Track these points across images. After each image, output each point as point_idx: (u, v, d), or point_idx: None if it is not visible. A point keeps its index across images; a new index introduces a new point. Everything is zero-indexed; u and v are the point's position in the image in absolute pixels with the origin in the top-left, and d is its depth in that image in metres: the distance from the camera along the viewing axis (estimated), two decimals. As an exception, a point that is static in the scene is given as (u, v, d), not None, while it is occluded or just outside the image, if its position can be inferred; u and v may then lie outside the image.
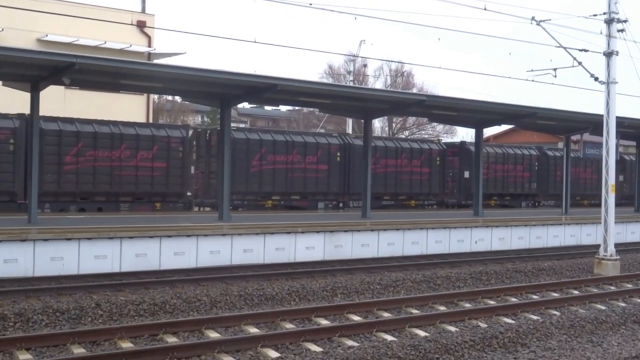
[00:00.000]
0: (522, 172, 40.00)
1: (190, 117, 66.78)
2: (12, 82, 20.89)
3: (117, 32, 35.00)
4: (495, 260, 22.39)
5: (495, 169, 38.87)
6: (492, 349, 11.87)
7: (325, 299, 15.96)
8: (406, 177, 35.50)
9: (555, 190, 40.77)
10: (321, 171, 32.51)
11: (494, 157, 39.00)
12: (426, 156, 36.51)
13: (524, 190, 40.70)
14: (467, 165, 37.10)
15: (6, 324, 12.36)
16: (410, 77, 67.36)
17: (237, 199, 30.15)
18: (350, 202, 33.81)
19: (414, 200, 36.18)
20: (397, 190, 35.37)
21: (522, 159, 40.30)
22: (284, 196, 31.79)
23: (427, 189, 36.69)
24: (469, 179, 36.54)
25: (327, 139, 33.75)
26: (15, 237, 16.63)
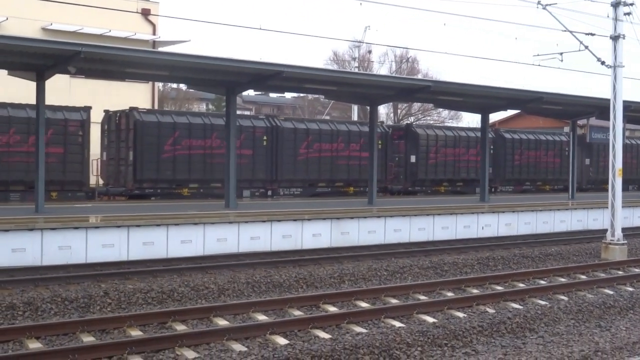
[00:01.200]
0: (475, 155, 36.77)
1: (195, 105, 66.79)
2: (17, 72, 20.88)
3: (121, 20, 34.98)
4: (502, 246, 22.39)
5: (445, 153, 36.24)
6: (500, 334, 11.88)
7: (332, 286, 15.98)
8: (343, 162, 32.53)
9: (513, 175, 39.47)
10: (245, 156, 29.33)
11: (443, 140, 36.41)
12: (366, 140, 32.10)
13: (478, 175, 36.09)
14: (413, 149, 35.35)
15: (15, 312, 12.41)
16: (415, 63, 67.17)
17: (149, 187, 27.91)
18: (280, 189, 31.21)
19: (352, 187, 33.25)
20: (334, 177, 32.57)
21: (475, 142, 37.16)
22: (202, 184, 29.11)
23: (367, 175, 31.69)
24: (415, 163, 35.20)
25: (252, 121, 30.86)
26: (22, 226, 16.68)
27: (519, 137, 40.05)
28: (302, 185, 31.77)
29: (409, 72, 65.09)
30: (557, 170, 41.12)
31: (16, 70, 20.79)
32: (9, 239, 16.35)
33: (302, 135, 31.46)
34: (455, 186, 37.36)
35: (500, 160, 38.87)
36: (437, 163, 36.00)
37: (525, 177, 40.24)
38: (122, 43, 33.14)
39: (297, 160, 31.20)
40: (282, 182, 31.18)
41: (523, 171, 39.93)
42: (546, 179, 41.29)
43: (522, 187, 40.27)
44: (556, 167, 41.22)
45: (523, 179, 40.19)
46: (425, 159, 35.55)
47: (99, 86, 33.76)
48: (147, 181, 27.72)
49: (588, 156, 42.79)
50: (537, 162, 40.48)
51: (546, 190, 41.07)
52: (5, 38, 18.60)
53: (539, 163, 40.57)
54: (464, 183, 37.46)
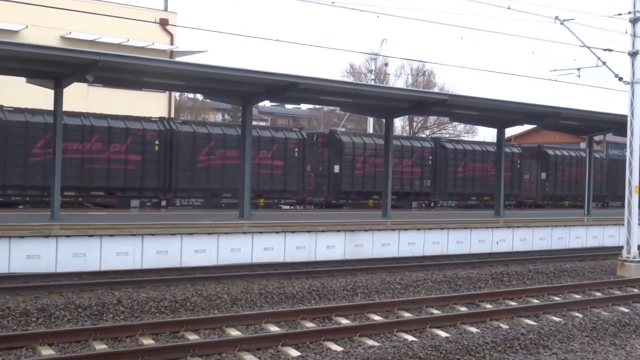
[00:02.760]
0: (410, 167, 34.34)
1: (212, 115, 67.03)
2: (36, 79, 21.04)
3: (139, 30, 35.18)
4: (516, 261, 22.26)
5: (375, 163, 32.96)
6: (513, 350, 11.79)
7: (345, 298, 15.94)
8: (253, 171, 27.90)
9: (455, 189, 36.32)
10: (132, 162, 26.85)
11: (373, 149, 33.30)
12: (280, 146, 30.69)
13: (413, 188, 34.74)
14: (337, 158, 32.49)
15: (29, 319, 12.45)
16: (431, 77, 67.18)
17: (15, 194, 25.32)
18: (176, 200, 28.50)
19: (263, 199, 30.62)
20: None
21: (410, 152, 34.54)
22: (80, 192, 26.36)
23: (280, 186, 30.92)
24: (339, 174, 32.36)
25: (142, 123, 27.75)
26: (38, 233, 16.76)
27: (463, 147, 37.21)
28: (204, 196, 29.17)
29: (425, 85, 65.09)
30: (507, 184, 37.24)
31: (35, 78, 20.95)
32: (24, 245, 16.44)
33: (203, 140, 28.76)
34: None
35: (442, 173, 35.85)
36: (364, 174, 33.01)
37: (470, 192, 37.13)
38: (140, 52, 33.31)
39: (196, 167, 28.51)
40: (179, 192, 28.54)
41: (467, 185, 36.80)
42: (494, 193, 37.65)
43: (466, 201, 37.38)
44: (506, 182, 36.56)
45: (467, 193, 37.14)
46: (351, 169, 32.63)
47: (116, 95, 33.94)
48: (13, 187, 25.15)
49: (544, 170, 40.41)
50: (484, 176, 37.15)
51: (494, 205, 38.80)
52: (25, 46, 18.78)
53: (487, 176, 36.98)
54: (398, 196, 33.88)
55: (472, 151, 37.12)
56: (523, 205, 40.27)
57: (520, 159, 39.29)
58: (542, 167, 40.41)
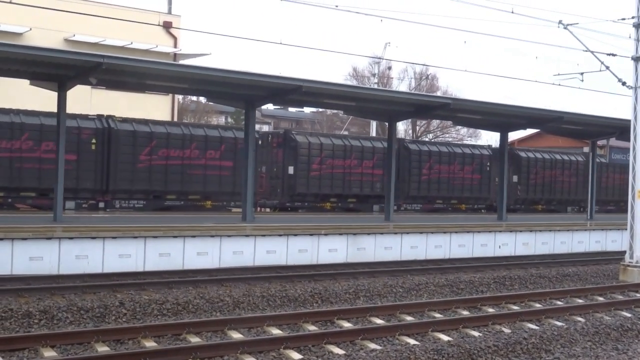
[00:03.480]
0: (371, 168, 32.57)
1: (215, 118, 67.12)
2: (39, 82, 21.08)
3: (143, 33, 35.28)
4: (519, 265, 22.24)
5: (333, 165, 31.50)
6: (515, 354, 11.78)
7: (347, 302, 15.93)
8: (198, 172, 28.43)
9: (420, 192, 34.79)
10: (68, 162, 24.22)
11: (330, 150, 31.82)
12: (229, 146, 29.20)
13: (374, 190, 32.98)
14: (292, 159, 31.07)
15: (31, 321, 12.46)
16: (434, 80, 67.26)
17: None
18: (115, 201, 27.04)
19: (211, 201, 29.26)
20: (186, 188, 28.49)
21: (371, 153, 32.82)
22: (10, 192, 25.29)
23: (229, 187, 29.27)
24: (294, 175, 30.90)
25: (78, 121, 26.22)
26: (40, 234, 16.78)
27: (428, 148, 35.72)
28: (145, 197, 27.75)
29: (429, 89, 65.15)
30: (477, 187, 36.62)
31: (38, 80, 20.99)
32: (27, 247, 16.47)
33: (144, 139, 27.33)
34: (346, 202, 32.83)
35: (405, 175, 34.23)
36: (321, 175, 31.46)
37: (436, 195, 35.46)
38: (144, 55, 33.38)
39: (136, 168, 27.05)
40: (118, 193, 27.12)
41: (433, 188, 35.18)
42: (462, 196, 36.48)
43: (432, 205, 35.77)
44: (475, 184, 36.62)
45: (433, 196, 35.48)
46: (307, 171, 31.08)
47: (119, 97, 34.00)
48: None
49: (516, 173, 38.63)
50: (450, 178, 35.74)
51: (462, 210, 36.51)
52: (28, 48, 18.86)
53: (454, 179, 35.82)
54: (358, 199, 32.81)
55: (437, 152, 35.55)
56: (494, 209, 36.98)
57: (490, 161, 37.36)
58: (514, 169, 38.35)
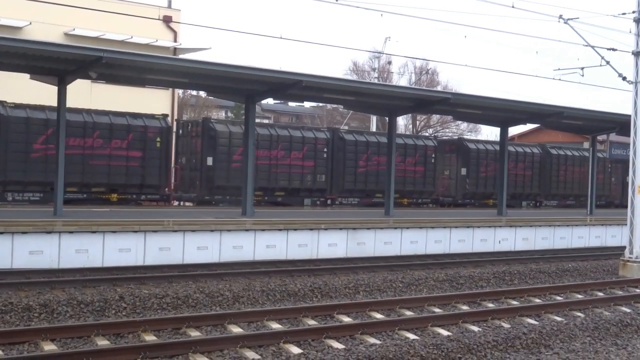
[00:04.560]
0: (301, 160, 30.69)
1: (215, 112, 67.05)
2: (39, 76, 21.05)
3: (143, 27, 35.15)
4: (518, 261, 22.26)
5: (257, 156, 28.85)
6: (515, 349, 11.80)
7: (347, 296, 15.96)
8: (103, 163, 26.39)
9: (356, 185, 32.71)
10: None
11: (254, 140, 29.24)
12: (138, 135, 27.23)
13: (304, 184, 31.17)
14: (211, 150, 29.15)
15: (31, 314, 12.49)
16: (435, 75, 67.20)
17: None
18: (7, 193, 25.19)
19: (117, 194, 27.21)
20: (88, 180, 26.30)
21: (301, 144, 30.93)
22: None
23: (138, 180, 27.36)
24: (213, 167, 29.04)
25: None
26: (40, 228, 16.79)
27: (366, 139, 33.44)
28: (42, 190, 25.62)
29: (429, 83, 65.11)
30: (421, 180, 34.67)
31: (38, 74, 20.97)
32: (27, 241, 16.47)
33: (40, 127, 25.36)
34: (273, 196, 30.87)
35: (339, 167, 32.24)
36: (243, 167, 28.95)
37: (374, 188, 33.17)
38: (144, 49, 33.32)
39: (29, 158, 25.11)
40: (9, 185, 25.21)
41: (370, 180, 33.04)
42: (404, 190, 34.08)
43: (371, 199, 33.37)
44: (418, 177, 34.60)
45: (371, 189, 33.30)
46: (227, 162, 29.23)
47: (119, 92, 33.96)
48: None
49: (464, 165, 36.62)
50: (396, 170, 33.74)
51: (404, 204, 34.22)
52: (28, 42, 18.80)
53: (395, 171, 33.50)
54: (286, 192, 30.94)
55: (376, 143, 33.17)
56: (440, 203, 36.66)
57: (435, 153, 35.41)
58: (462, 162, 36.68)
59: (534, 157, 39.05)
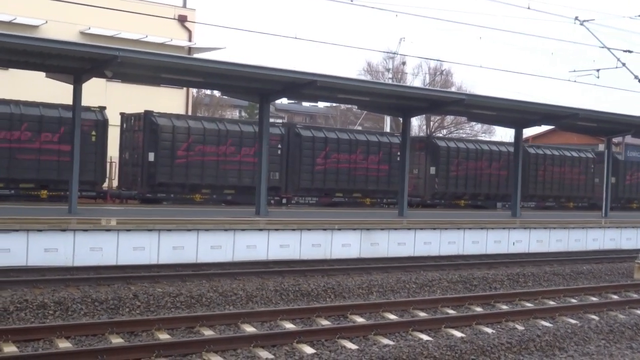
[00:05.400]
0: (252, 156, 28.67)
1: (229, 112, 67.16)
2: (55, 74, 21.17)
3: (158, 26, 35.34)
4: (533, 263, 22.16)
5: (203, 151, 28.23)
6: (529, 352, 11.75)
7: (360, 297, 15.94)
8: (31, 157, 25.23)
9: (314, 184, 30.95)
10: None
11: (201, 135, 28.39)
12: (70, 129, 23.47)
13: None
14: (153, 144, 27.56)
15: (46, 312, 12.54)
16: (449, 76, 67.01)
17: None
18: None
19: (47, 191, 26.03)
20: (19, 175, 25.27)
21: (252, 139, 28.83)
22: None
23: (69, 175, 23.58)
24: (154, 163, 27.60)
25: None
26: (55, 226, 16.86)
27: (325, 135, 31.79)
28: None
29: (443, 84, 64.95)
30: (385, 179, 32.90)
31: (54, 72, 21.08)
32: (42, 238, 16.55)
33: None
34: (222, 194, 29.39)
35: (295, 165, 30.78)
36: (188, 164, 28.09)
37: (333, 187, 31.71)
38: (159, 49, 33.43)
39: None
40: None
41: (330, 179, 31.48)
42: (367, 189, 32.83)
43: (330, 198, 31.89)
44: (382, 176, 32.91)
45: (330, 188, 31.70)
46: (170, 158, 27.75)
47: (134, 91, 34.11)
48: None
49: (434, 164, 34.90)
50: (351, 169, 32.06)
51: (367, 204, 32.84)
52: (45, 41, 18.92)
53: (356, 169, 32.17)
54: (236, 191, 29.51)
55: (335, 140, 31.70)
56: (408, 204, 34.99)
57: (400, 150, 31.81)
58: (431, 160, 35.02)
59: (509, 156, 36.31)
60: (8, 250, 16.13)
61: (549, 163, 39.29)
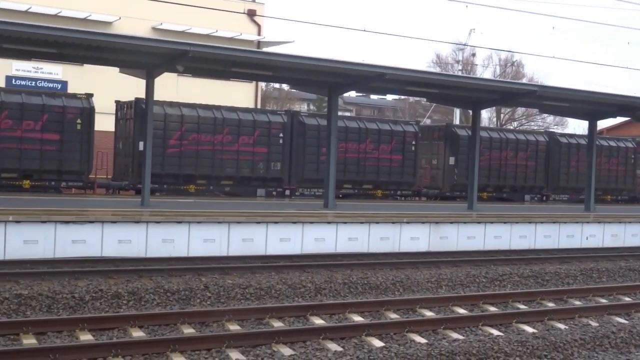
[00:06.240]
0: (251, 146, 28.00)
1: (297, 105, 67.55)
2: (128, 69, 21.63)
3: (228, 21, 35.77)
4: (607, 258, 21.61)
5: (198, 140, 27.27)
6: (603, 348, 11.47)
7: (429, 291, 15.83)
8: (12, 146, 24.81)
9: (319, 175, 28.57)
10: None
11: (195, 123, 27.50)
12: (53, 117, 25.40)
13: (255, 172, 28.49)
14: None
15: (120, 301, 12.84)
16: (520, 67, 65.92)
17: None
18: None
19: (31, 181, 25.40)
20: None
21: (251, 128, 28.23)
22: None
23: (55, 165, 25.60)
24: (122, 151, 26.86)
25: None
26: (129, 218, 17.25)
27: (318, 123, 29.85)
28: None
29: (514, 76, 63.95)
30: (398, 170, 31.56)
31: (127, 68, 21.54)
32: (116, 230, 16.95)
33: None
34: (219, 185, 28.24)
35: (299, 155, 29.54)
36: (182, 153, 27.35)
37: (341, 178, 29.24)
38: (228, 43, 33.85)
39: None
40: None
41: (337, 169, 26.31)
42: (378, 180, 31.20)
43: (338, 190, 28.86)
44: (395, 166, 31.55)
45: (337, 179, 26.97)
46: (162, 148, 26.83)
47: (204, 85, 34.60)
48: None
49: (453, 154, 33.29)
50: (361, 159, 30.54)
51: (378, 196, 31.35)
52: (118, 37, 19.36)
53: (365, 159, 30.74)
54: (235, 182, 28.25)
55: (343, 128, 29.87)
56: (423, 195, 33.67)
57: (415, 140, 32.13)
58: (450, 150, 33.36)
59: (538, 145, 35.45)
60: (84, 241, 16.58)
61: (583, 153, 35.76)
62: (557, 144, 36.38)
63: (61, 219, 16.49)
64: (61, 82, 33.70)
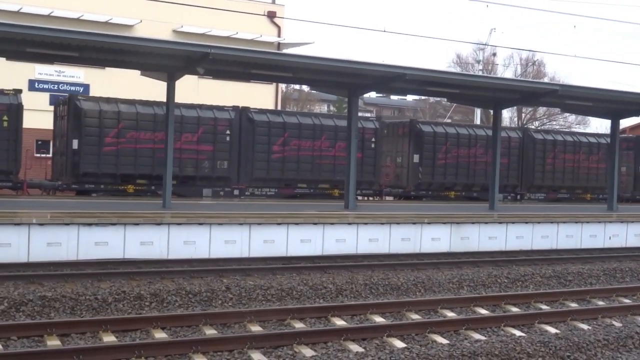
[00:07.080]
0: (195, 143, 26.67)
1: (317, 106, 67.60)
2: (150, 72, 21.74)
3: (248, 23, 35.88)
4: (630, 257, 21.42)
5: (137, 139, 25.79)
6: (627, 349, 11.39)
7: (451, 291, 15.78)
8: None
9: (270, 174, 28.06)
10: None
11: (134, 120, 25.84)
12: None
13: (199, 171, 27.06)
14: (77, 132, 25.24)
15: (142, 303, 12.92)
16: (541, 66, 65.53)
17: None
18: None
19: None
20: None
21: (195, 125, 26.85)
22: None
23: None
24: (79, 151, 25.16)
25: None
26: (151, 220, 17.36)
27: (282, 120, 28.78)
28: None
29: (535, 75, 63.58)
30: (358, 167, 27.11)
31: (149, 70, 21.66)
32: (138, 232, 17.06)
33: None
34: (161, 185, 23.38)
35: (247, 153, 27.93)
36: (119, 151, 25.58)
37: (294, 177, 28.83)
38: (249, 45, 33.93)
39: None
40: None
41: (289, 168, 28.54)
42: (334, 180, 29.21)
43: (293, 189, 29.00)
44: None
45: (290, 179, 28.85)
46: (97, 146, 25.33)
47: (224, 87, 34.73)
48: None
49: (417, 151, 31.42)
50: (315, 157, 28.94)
51: (335, 196, 29.19)
52: (139, 40, 19.48)
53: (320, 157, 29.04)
54: (178, 181, 26.15)
55: (296, 125, 28.66)
56: (384, 195, 32.00)
57: (375, 137, 30.28)
58: (414, 147, 31.62)
59: (511, 142, 33.50)
60: (106, 243, 16.70)
61: (560, 150, 34.97)
62: (532, 141, 34.48)
63: (84, 221, 16.64)
64: (83, 85, 33.97)
